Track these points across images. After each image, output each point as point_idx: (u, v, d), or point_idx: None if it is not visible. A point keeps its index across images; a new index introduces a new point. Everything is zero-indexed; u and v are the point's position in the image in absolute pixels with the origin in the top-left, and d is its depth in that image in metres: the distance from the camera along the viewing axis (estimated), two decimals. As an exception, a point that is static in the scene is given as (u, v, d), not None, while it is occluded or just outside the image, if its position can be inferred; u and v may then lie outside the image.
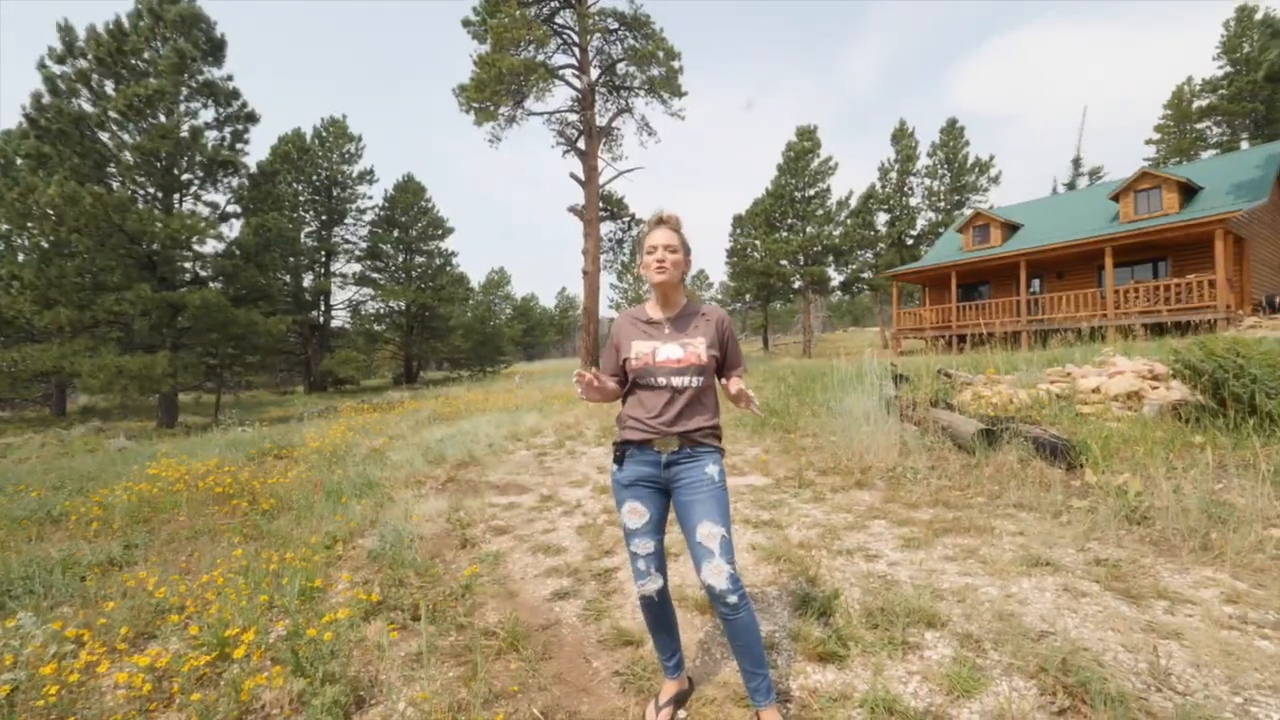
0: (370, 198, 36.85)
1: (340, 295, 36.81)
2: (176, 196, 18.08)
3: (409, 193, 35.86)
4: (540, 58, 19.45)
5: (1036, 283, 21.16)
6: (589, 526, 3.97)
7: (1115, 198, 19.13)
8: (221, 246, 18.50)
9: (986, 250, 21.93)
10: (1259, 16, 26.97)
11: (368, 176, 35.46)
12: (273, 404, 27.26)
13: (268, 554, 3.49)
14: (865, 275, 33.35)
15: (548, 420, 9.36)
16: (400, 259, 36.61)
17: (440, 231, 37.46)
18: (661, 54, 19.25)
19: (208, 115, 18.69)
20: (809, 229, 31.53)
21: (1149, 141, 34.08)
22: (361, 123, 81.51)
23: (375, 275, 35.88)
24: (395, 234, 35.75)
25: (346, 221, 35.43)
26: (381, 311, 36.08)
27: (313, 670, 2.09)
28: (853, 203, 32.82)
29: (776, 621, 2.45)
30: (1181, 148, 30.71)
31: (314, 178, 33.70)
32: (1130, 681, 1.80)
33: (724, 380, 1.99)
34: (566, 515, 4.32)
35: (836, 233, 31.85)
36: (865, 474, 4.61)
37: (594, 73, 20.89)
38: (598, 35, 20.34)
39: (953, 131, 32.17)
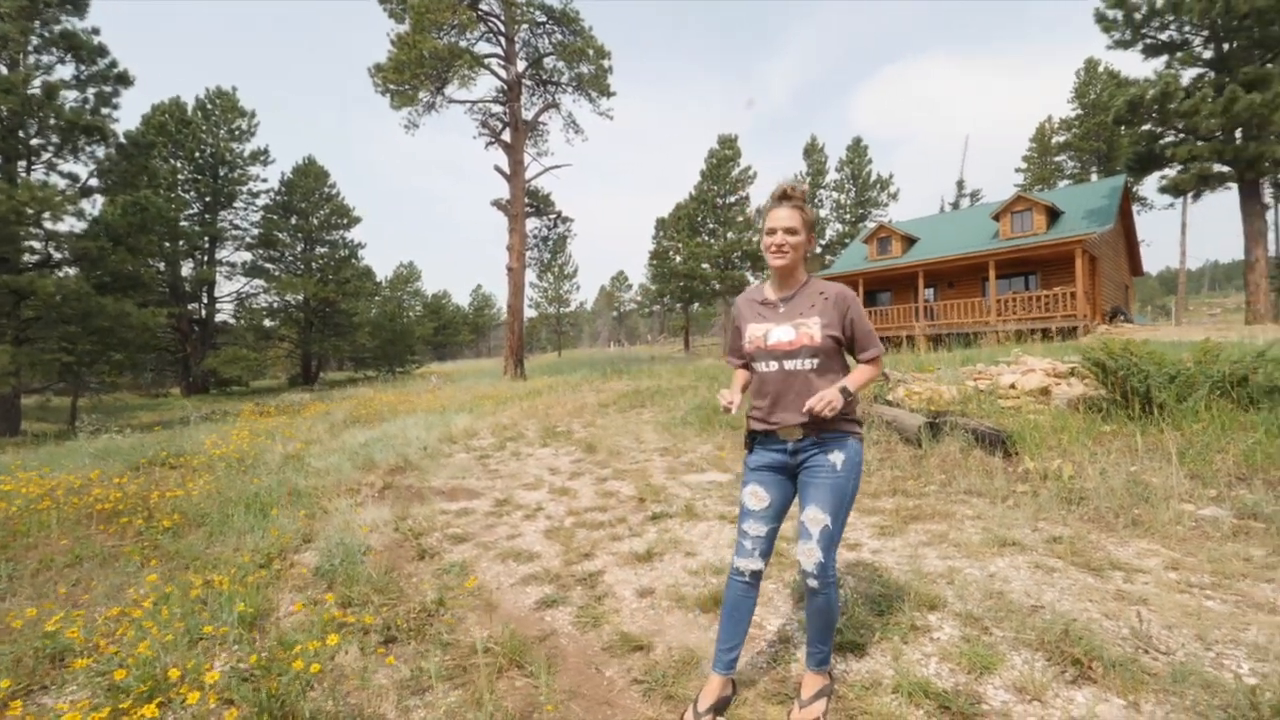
0: (264, 180, 33.66)
1: (227, 286, 33.29)
2: (23, 164, 15.40)
3: (310, 177, 33.04)
4: (464, 43, 18.63)
5: (931, 291, 23.24)
6: (557, 530, 3.79)
7: (996, 217, 21.44)
8: (83, 226, 15.99)
9: (889, 260, 23.77)
10: (1101, 69, 31.79)
11: (261, 157, 32.23)
12: (143, 408, 24.02)
13: (185, 577, 3.01)
14: (780, 281, 35.03)
15: (481, 422, 8.93)
16: (299, 249, 33.64)
17: (345, 220, 34.85)
18: (591, 52, 19.10)
19: (66, 72, 16.11)
20: (730, 234, 32.65)
21: (1018, 170, 38.74)
22: (256, 98, 74.01)
23: (269, 266, 32.71)
24: (294, 221, 32.78)
25: (236, 205, 31.99)
26: (276, 305, 32.92)
27: (286, 709, 1.80)
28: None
29: (782, 614, 2.44)
30: (1043, 176, 35.21)
31: (196, 154, 30.12)
32: (1120, 646, 1.96)
33: (859, 361, 1.85)
34: (529, 519, 4.10)
35: (756, 239, 33.20)
36: (820, 467, 4.77)
37: (520, 65, 20.34)
38: (525, 26, 19.82)
39: (858, 149, 34.66)
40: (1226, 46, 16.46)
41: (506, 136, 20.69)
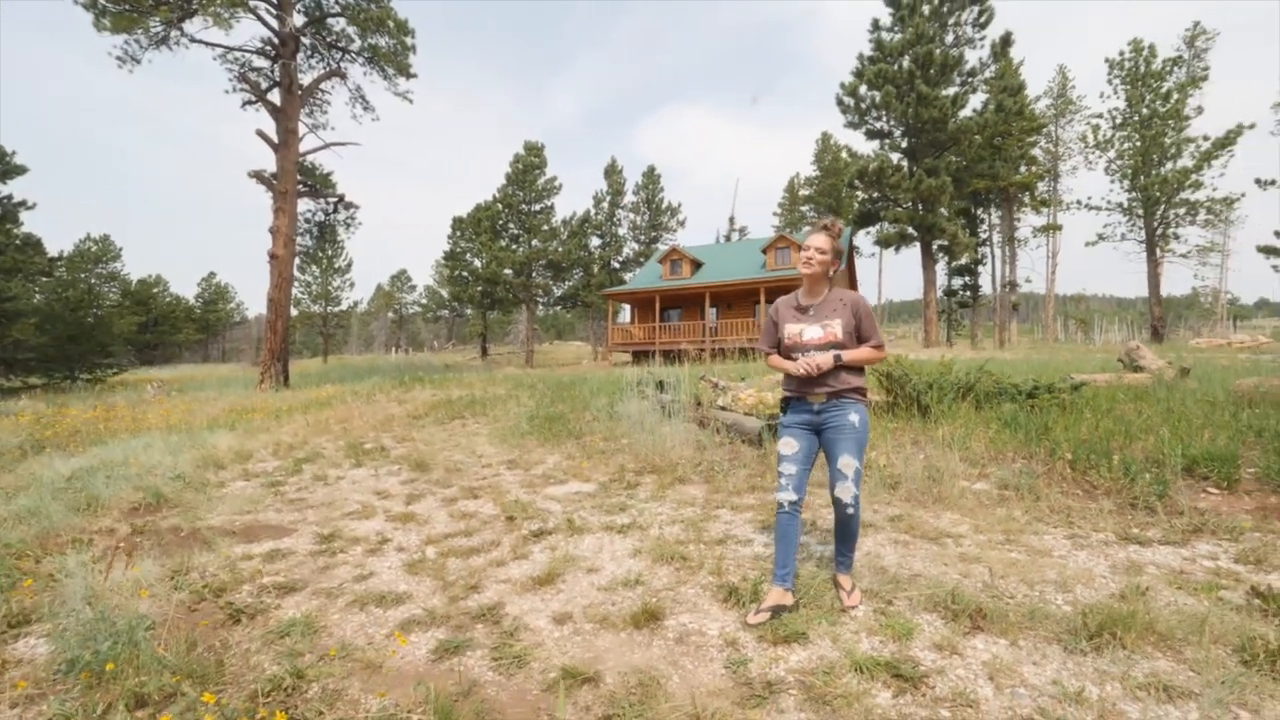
0: None
1: None
2: None
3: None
4: (219, -26, 15.11)
5: (714, 311, 26.32)
6: (421, 563, 3.23)
7: (764, 251, 25.32)
8: None
9: (681, 280, 26.23)
10: (833, 141, 40.52)
11: None
12: None
13: None
14: (582, 292, 35.94)
15: (253, 441, 7.25)
16: (-95, 200, 23.17)
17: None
18: (392, 24, 17.22)
19: None
20: (535, 242, 32.36)
21: (774, 213, 46.54)
22: None
23: None
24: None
25: None
26: None
27: None
28: (571, 224, 35.11)
29: (714, 618, 2.44)
30: (793, 221, 42.99)
31: None
32: (982, 597, 2.42)
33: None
34: (375, 555, 3.43)
35: (560, 249, 33.52)
36: (675, 470, 4.97)
37: (298, 18, 17.32)
38: (305, -26, 16.97)
39: (652, 177, 37.64)
40: (915, 141, 22.29)
41: (275, 98, 17.36)
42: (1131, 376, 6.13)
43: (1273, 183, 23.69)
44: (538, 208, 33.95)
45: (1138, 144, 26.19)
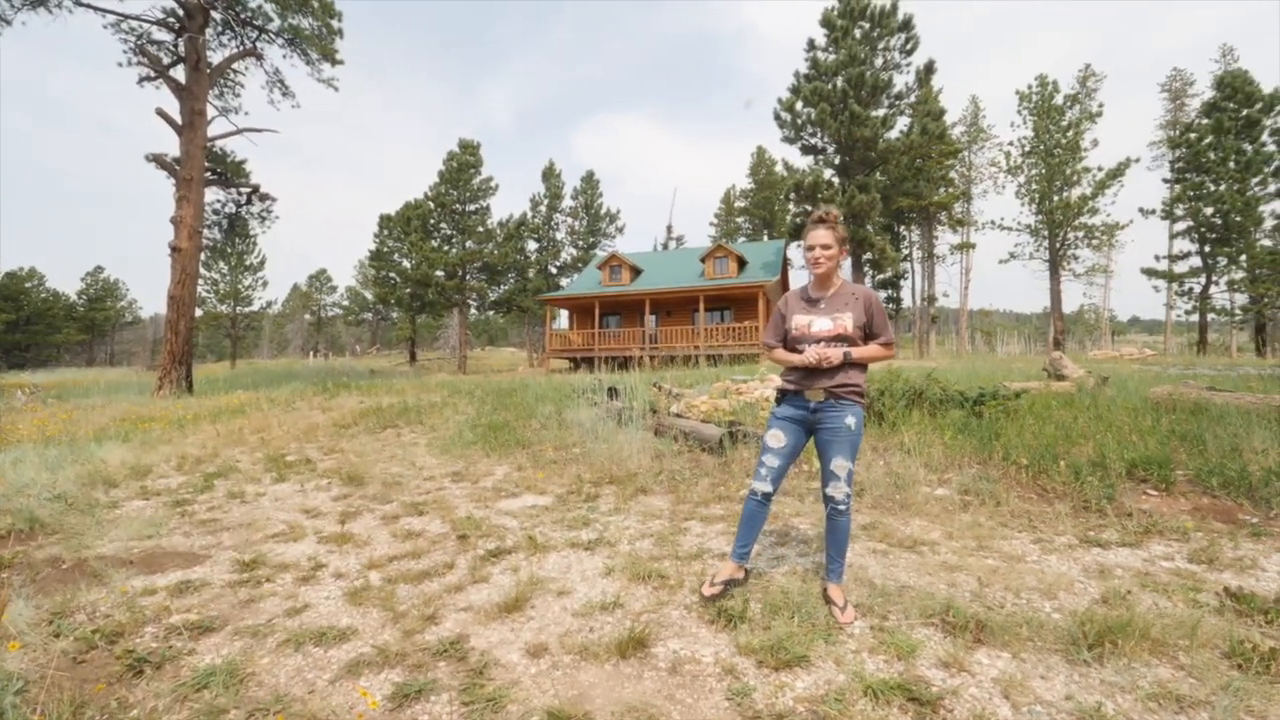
0: None
1: None
2: None
3: None
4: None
5: (653, 318, 26.37)
6: (364, 591, 2.85)
7: (703, 260, 25.69)
8: None
9: (621, 287, 26.12)
10: (768, 155, 42.02)
11: None
12: None
13: None
14: (517, 296, 35.08)
15: (152, 453, 6.42)
16: None
17: None
18: (317, 5, 16.11)
19: None
20: (469, 243, 31.22)
21: (710, 223, 47.52)
22: None
23: None
24: None
25: None
26: None
27: None
28: (508, 226, 34.21)
29: (706, 643, 2.26)
30: (729, 231, 44.06)
31: None
32: (977, 609, 2.38)
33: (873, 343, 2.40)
34: (308, 583, 3.01)
35: (496, 252, 32.54)
36: (635, 480, 4.77)
37: (209, -10, 15.85)
38: (218, -56, 15.57)
39: (590, 182, 37.41)
40: (848, 158, 23.43)
41: (180, 75, 15.78)
42: (1057, 385, 6.57)
43: (1153, 212, 26.79)
44: (473, 208, 32.86)
45: (1044, 171, 28.86)
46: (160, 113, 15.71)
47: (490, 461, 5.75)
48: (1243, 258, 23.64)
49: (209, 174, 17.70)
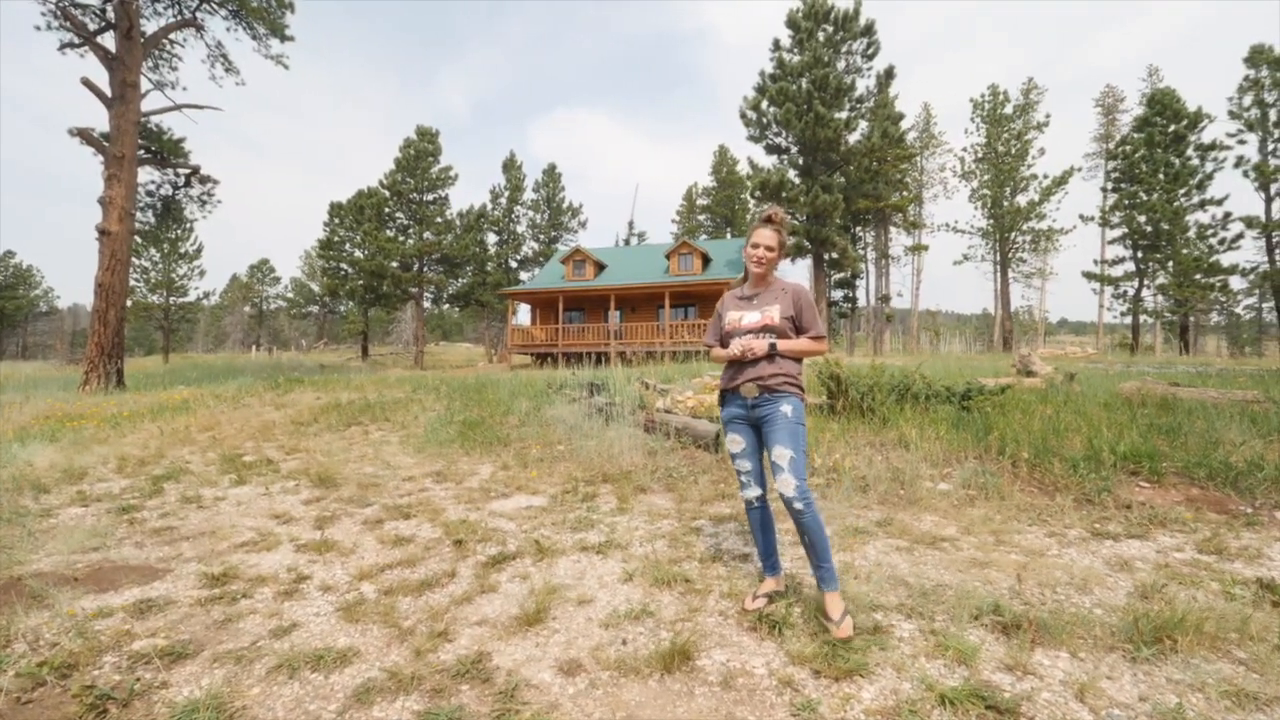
0: None
1: None
2: None
3: None
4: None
5: (618, 314, 26.16)
6: (360, 606, 2.58)
7: (667, 256, 25.64)
8: None
9: (585, 282, 25.78)
10: (730, 155, 42.42)
11: None
12: None
13: None
14: (477, 290, 34.13)
15: (87, 454, 5.81)
16: None
17: None
18: (266, -26, 15.07)
19: None
20: (426, 234, 30.11)
21: (673, 220, 47.58)
22: None
23: None
24: None
25: None
26: None
27: None
28: (468, 218, 33.20)
29: (755, 653, 2.12)
30: (691, 229, 44.22)
31: None
32: (1020, 607, 2.33)
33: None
34: (293, 599, 2.70)
35: (454, 243, 31.51)
36: (631, 478, 4.60)
37: (143, -49, 14.58)
38: (153, -98, 14.32)
39: (553, 175, 36.78)
40: (811, 159, 23.83)
41: (110, 43, 14.46)
42: (1029, 380, 6.79)
43: (1092, 219, 28.49)
44: (430, 198, 31.70)
45: (995, 176, 30.23)
46: (87, 83, 14.35)
47: (472, 460, 5.45)
48: (1170, 264, 25.42)
49: (143, 152, 16.34)
